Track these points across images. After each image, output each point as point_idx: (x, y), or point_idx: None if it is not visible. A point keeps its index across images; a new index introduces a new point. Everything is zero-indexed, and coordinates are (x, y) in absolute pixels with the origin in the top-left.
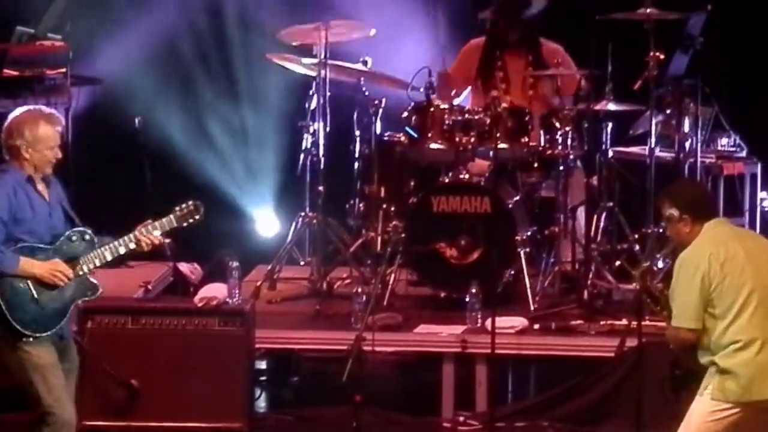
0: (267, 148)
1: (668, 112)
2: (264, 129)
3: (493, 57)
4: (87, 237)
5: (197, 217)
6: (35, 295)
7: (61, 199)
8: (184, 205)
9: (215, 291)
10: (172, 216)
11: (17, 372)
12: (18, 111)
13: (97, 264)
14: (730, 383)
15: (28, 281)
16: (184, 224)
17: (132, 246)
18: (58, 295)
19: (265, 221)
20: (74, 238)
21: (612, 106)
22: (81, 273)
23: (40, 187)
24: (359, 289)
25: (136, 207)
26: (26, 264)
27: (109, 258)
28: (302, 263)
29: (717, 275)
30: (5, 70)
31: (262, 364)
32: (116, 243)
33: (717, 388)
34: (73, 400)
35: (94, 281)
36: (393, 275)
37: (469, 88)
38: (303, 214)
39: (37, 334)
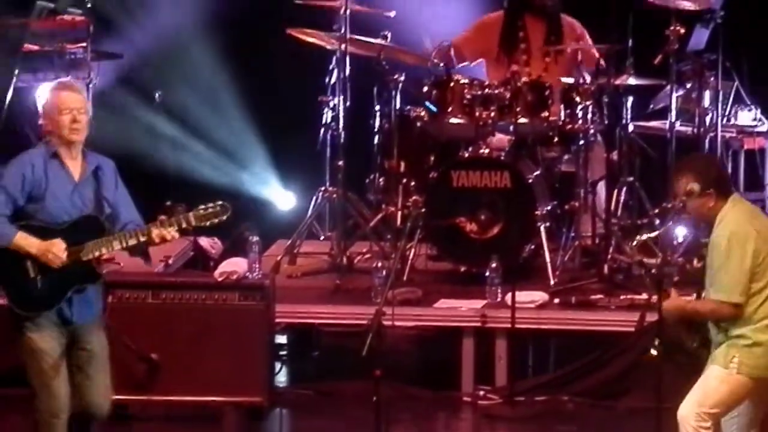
0: (287, 123)
1: (689, 86)
2: (284, 103)
3: (515, 27)
4: (97, 224)
5: (222, 218)
6: (32, 274)
7: (103, 183)
8: (210, 205)
9: (235, 265)
10: (192, 214)
11: (20, 353)
12: None
13: (103, 252)
14: (761, 359)
15: (29, 260)
16: (206, 224)
17: (143, 239)
18: (57, 277)
19: (283, 196)
20: (83, 223)
21: (632, 81)
22: (84, 259)
23: (70, 164)
24: (379, 264)
25: (156, 183)
26: (22, 240)
27: (117, 247)
28: (322, 238)
29: (762, 250)
30: (26, 45)
31: (282, 339)
32: (127, 233)
33: (746, 363)
34: (93, 389)
35: (97, 270)
36: (413, 250)
37: (482, 61)
38: (323, 188)
39: (29, 313)
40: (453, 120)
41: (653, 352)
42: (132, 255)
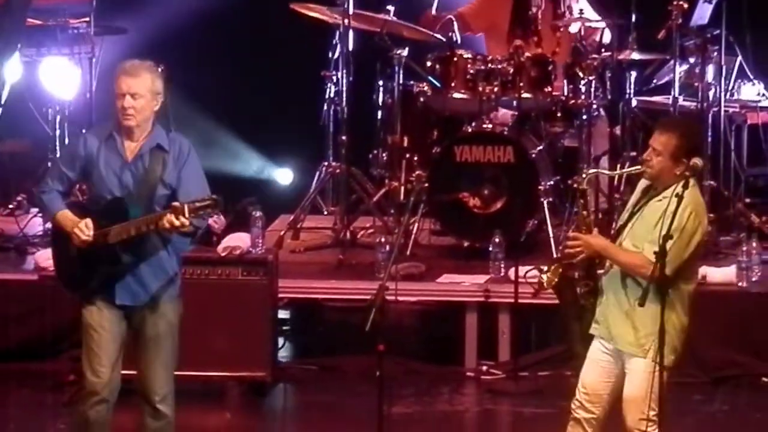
0: (290, 98)
1: (692, 61)
2: (287, 78)
3: (527, 4)
4: (122, 207)
5: (212, 212)
6: (71, 253)
7: (160, 163)
8: (199, 198)
9: (238, 240)
10: (186, 206)
11: None
12: None
13: (125, 237)
14: (671, 345)
15: (71, 239)
16: (197, 217)
17: (152, 227)
18: (90, 258)
19: (284, 170)
20: (113, 205)
21: (636, 56)
22: (111, 242)
23: (127, 143)
24: (382, 239)
25: None
26: (62, 216)
27: (133, 233)
28: (326, 213)
29: (703, 242)
30: (29, 20)
31: (286, 314)
32: (144, 220)
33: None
34: (145, 372)
35: (120, 254)
36: (416, 225)
37: (481, 35)
38: (326, 163)
39: (68, 291)
40: (456, 95)
41: (547, 275)
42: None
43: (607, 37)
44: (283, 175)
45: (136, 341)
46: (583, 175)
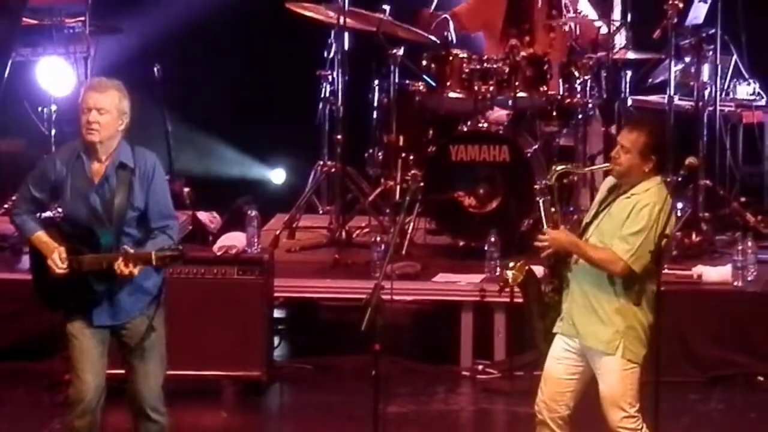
0: (285, 97)
1: (687, 60)
2: (282, 77)
3: (520, 3)
4: (94, 239)
5: (178, 261)
6: (48, 274)
7: (126, 184)
8: (168, 247)
9: (234, 240)
10: (153, 254)
11: None
12: None
13: (96, 269)
14: (639, 342)
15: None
16: (165, 265)
17: (105, 266)
18: (65, 283)
19: (278, 170)
20: (87, 235)
21: (631, 55)
22: (83, 270)
23: (94, 165)
24: (378, 238)
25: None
26: (36, 240)
27: (104, 267)
28: (321, 212)
29: (669, 240)
30: (25, 19)
31: (281, 313)
32: (106, 257)
33: (631, 349)
34: (136, 379)
35: (93, 284)
36: (412, 224)
37: (480, 34)
38: (322, 163)
39: (48, 308)
40: (452, 94)
41: (511, 272)
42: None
43: (604, 30)
44: (277, 175)
45: (122, 350)
46: (552, 172)
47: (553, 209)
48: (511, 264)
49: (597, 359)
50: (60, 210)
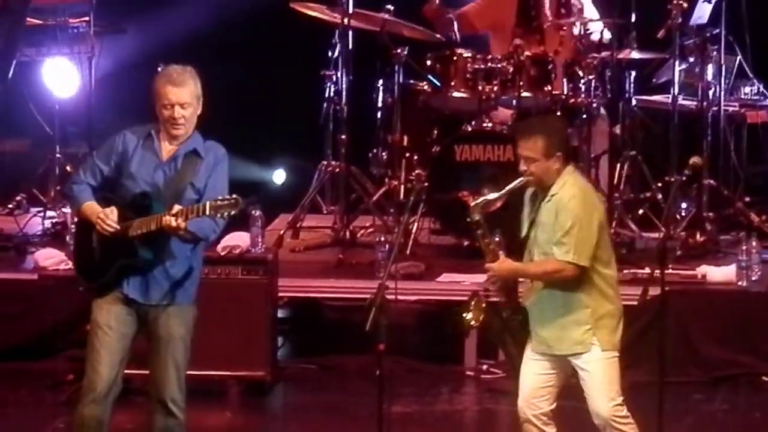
0: (289, 97)
1: (692, 60)
2: (286, 77)
3: (529, 3)
4: (146, 201)
5: (233, 211)
6: (93, 244)
7: (192, 168)
8: (227, 197)
9: (238, 239)
10: (208, 203)
11: None
12: None
13: (144, 231)
14: (613, 330)
15: (93, 229)
16: (218, 215)
17: (154, 227)
18: (110, 250)
19: (280, 170)
20: (139, 200)
21: (635, 54)
22: (130, 235)
23: (164, 144)
24: (382, 238)
25: None
26: (88, 208)
27: (153, 228)
28: (325, 212)
29: (604, 220)
30: (29, 19)
31: (286, 313)
32: (156, 218)
33: (605, 339)
34: (156, 372)
35: (138, 248)
36: (416, 224)
37: (486, 34)
38: (326, 162)
39: (85, 283)
40: (456, 94)
41: (469, 317)
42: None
43: (606, 36)
44: (280, 175)
45: (148, 340)
46: (474, 208)
47: (487, 241)
48: (464, 309)
49: (576, 360)
50: (116, 188)
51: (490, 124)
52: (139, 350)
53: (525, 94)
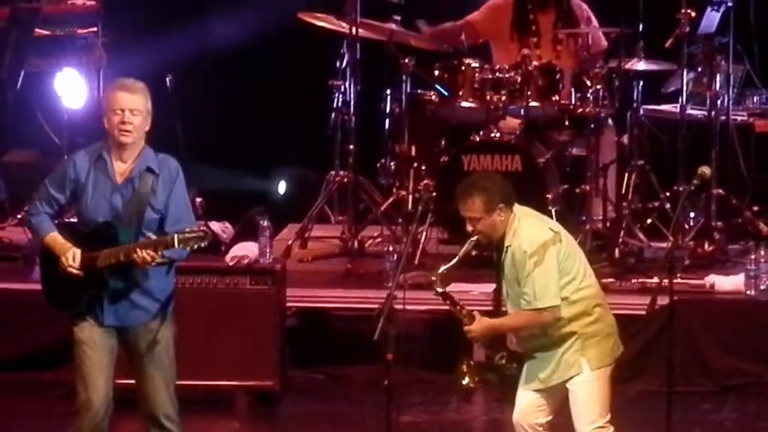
0: (297, 107)
1: (700, 69)
2: (294, 87)
3: (526, 12)
4: (111, 231)
5: (201, 244)
6: (60, 274)
7: (150, 186)
8: (193, 229)
9: (246, 250)
10: (176, 236)
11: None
12: None
13: (113, 262)
14: (601, 347)
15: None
16: (187, 248)
17: (123, 258)
18: (77, 281)
19: (288, 179)
20: (102, 229)
21: (643, 64)
22: (99, 266)
23: (117, 165)
24: (390, 248)
25: None
26: (51, 240)
27: (122, 259)
28: (333, 222)
29: (563, 247)
30: (37, 30)
31: (294, 323)
32: (125, 249)
33: (595, 357)
34: (147, 388)
35: (108, 278)
36: (424, 234)
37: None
38: (333, 172)
39: (55, 310)
40: (464, 104)
41: (466, 381)
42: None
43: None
44: (287, 185)
45: (132, 358)
46: (434, 280)
47: (458, 307)
48: (461, 376)
49: (569, 383)
50: (76, 214)
51: (498, 134)
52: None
53: (533, 103)
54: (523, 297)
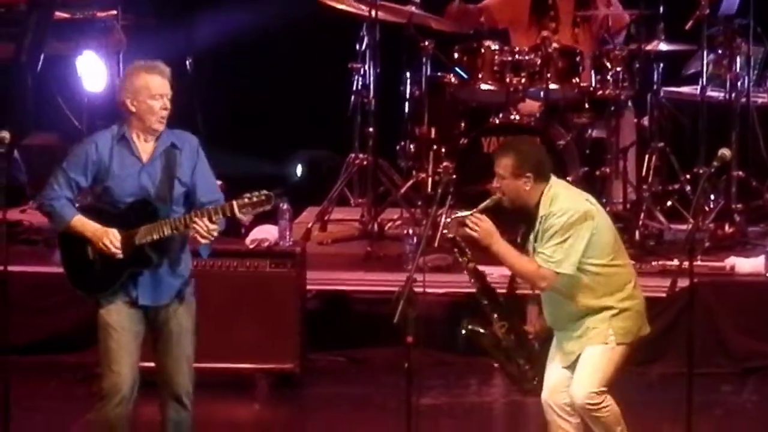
0: (317, 90)
1: (720, 51)
2: (314, 70)
3: None
4: (149, 208)
5: (266, 208)
6: (90, 256)
7: (176, 163)
8: (255, 193)
9: (266, 233)
10: (236, 203)
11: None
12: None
13: (155, 237)
14: (629, 323)
15: (89, 242)
16: (250, 213)
17: (182, 228)
18: (113, 260)
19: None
20: (137, 206)
21: (663, 46)
22: (137, 243)
23: (140, 145)
24: (410, 231)
25: None
26: (78, 223)
27: (167, 233)
28: (353, 205)
29: (599, 221)
30: (57, 13)
31: (314, 306)
32: (175, 220)
33: (619, 331)
34: (170, 368)
35: (151, 255)
36: (444, 216)
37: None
38: (353, 155)
39: (85, 294)
40: (483, 86)
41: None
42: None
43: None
44: (305, 169)
45: (158, 337)
46: (448, 223)
47: (465, 258)
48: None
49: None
50: (96, 197)
51: (517, 117)
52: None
53: (552, 86)
54: (541, 253)
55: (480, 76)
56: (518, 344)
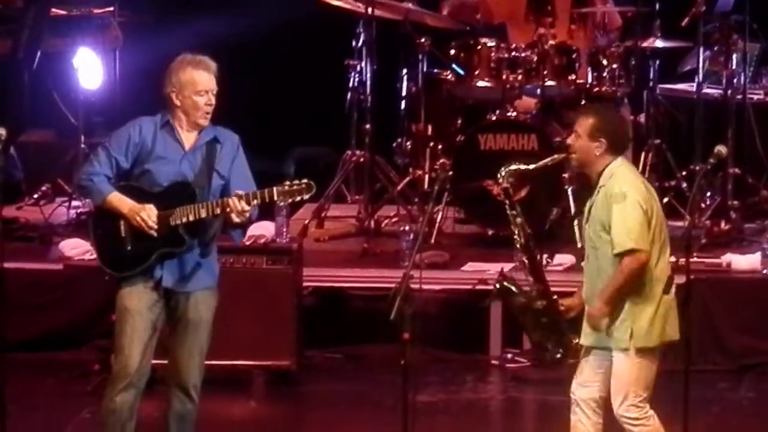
0: (313, 87)
1: (716, 48)
2: (310, 67)
3: None
4: (188, 190)
5: (305, 196)
6: (122, 234)
7: (216, 155)
8: (295, 182)
9: (263, 229)
10: (275, 189)
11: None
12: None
13: (191, 219)
14: (665, 324)
15: (122, 220)
16: (287, 200)
17: (218, 211)
18: (146, 240)
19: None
20: (176, 188)
21: (659, 43)
22: (172, 224)
23: (185, 134)
24: (407, 227)
25: None
26: (115, 199)
27: (203, 215)
28: (350, 201)
29: (654, 210)
30: (53, 9)
31: (310, 302)
32: (212, 203)
33: (639, 335)
34: (181, 356)
35: (185, 236)
36: (440, 213)
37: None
38: (350, 152)
39: (115, 272)
40: (480, 83)
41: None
42: (228, 228)
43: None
44: (304, 165)
45: (175, 326)
46: (502, 173)
47: (513, 212)
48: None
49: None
50: (134, 179)
51: (514, 113)
52: (168, 338)
53: (549, 83)
54: (618, 237)
55: (476, 73)
56: (547, 312)
